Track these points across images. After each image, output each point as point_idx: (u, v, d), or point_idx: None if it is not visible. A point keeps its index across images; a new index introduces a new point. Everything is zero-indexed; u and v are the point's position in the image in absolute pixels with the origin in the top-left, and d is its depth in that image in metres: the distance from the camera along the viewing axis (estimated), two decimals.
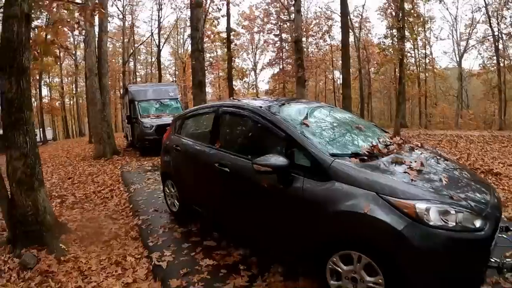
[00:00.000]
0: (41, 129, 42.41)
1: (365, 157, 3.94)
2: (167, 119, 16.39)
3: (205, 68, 19.74)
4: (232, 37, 28.65)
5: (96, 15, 9.41)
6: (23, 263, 5.57)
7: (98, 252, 5.89)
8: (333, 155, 3.85)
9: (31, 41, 6.84)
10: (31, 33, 6.65)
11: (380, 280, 3.30)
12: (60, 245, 6.09)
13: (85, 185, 11.61)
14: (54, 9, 8.30)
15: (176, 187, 6.66)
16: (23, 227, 6.13)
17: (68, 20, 8.58)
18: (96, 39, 17.81)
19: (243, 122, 5.25)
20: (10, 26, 5.93)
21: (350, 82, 20.62)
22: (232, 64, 29.77)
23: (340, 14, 21.95)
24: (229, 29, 27.62)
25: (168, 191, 7.06)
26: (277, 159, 3.92)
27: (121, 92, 39.43)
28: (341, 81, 50.27)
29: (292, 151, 4.05)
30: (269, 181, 4.11)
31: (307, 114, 4.85)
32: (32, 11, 6.78)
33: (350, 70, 51.50)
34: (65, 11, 8.72)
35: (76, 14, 8.76)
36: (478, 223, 3.23)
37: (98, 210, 8.43)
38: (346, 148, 4.27)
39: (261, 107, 4.80)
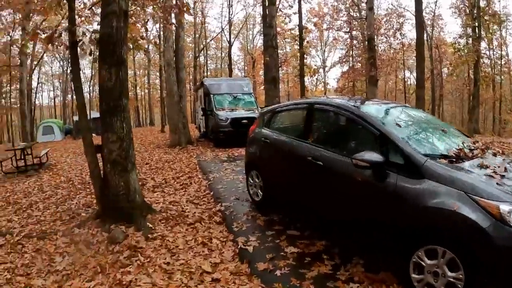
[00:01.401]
0: None
1: (453, 159, 4.09)
2: (242, 113, 16.95)
3: (279, 65, 19.93)
4: (303, 34, 28.49)
5: (175, 11, 9.78)
6: (112, 237, 5.95)
7: (184, 233, 6.19)
8: (425, 155, 4.01)
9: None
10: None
11: (460, 276, 3.40)
12: (148, 224, 6.46)
13: (163, 171, 12.09)
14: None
15: (261, 177, 6.86)
16: (114, 205, 6.59)
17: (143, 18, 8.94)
18: (174, 35, 18.46)
19: (338, 120, 5.42)
20: (110, 22, 6.40)
21: (424, 82, 20.04)
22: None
23: (414, 12, 21.33)
24: (301, 26, 27.56)
25: (252, 181, 7.26)
26: (374, 156, 4.09)
27: (193, 85, 40.29)
28: (411, 81, 49.78)
29: (387, 149, 4.20)
30: (363, 175, 4.29)
31: (397, 114, 5.09)
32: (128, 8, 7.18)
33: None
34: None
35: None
36: None
37: (179, 194, 8.79)
38: (436, 149, 4.40)
39: (356, 106, 4.94)
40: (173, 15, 11.08)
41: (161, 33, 21.21)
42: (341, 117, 5.21)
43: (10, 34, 28.82)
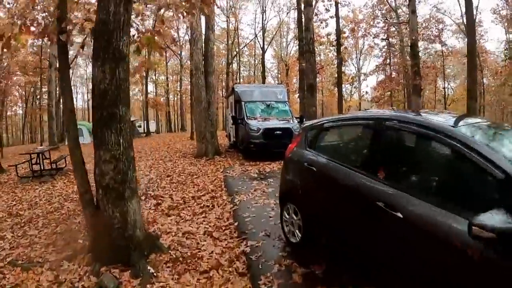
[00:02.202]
0: (145, 122, 43.71)
1: None
2: (275, 123, 15.25)
3: (316, 71, 18.27)
4: (341, 39, 26.51)
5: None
6: (101, 284, 4.51)
7: (194, 285, 4.57)
8: None
9: (134, 29, 5.77)
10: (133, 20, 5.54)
11: None
12: (148, 268, 4.93)
13: (183, 187, 10.64)
14: None
15: (301, 214, 5.07)
16: (107, 241, 5.06)
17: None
18: (203, 37, 17.03)
19: (428, 149, 3.58)
20: (106, 6, 4.82)
21: (476, 93, 18.02)
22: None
23: (455, 17, 19.53)
24: (338, 30, 25.53)
25: (287, 216, 5.48)
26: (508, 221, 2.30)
27: (225, 92, 39.07)
28: (450, 91, 47.31)
29: None
30: (481, 250, 2.49)
31: None
32: None
33: (460, 79, 47.65)
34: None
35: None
36: None
37: (196, 222, 7.16)
38: None
39: (459, 131, 3.10)
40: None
41: (188, 34, 19.66)
42: (435, 144, 3.38)
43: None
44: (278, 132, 14.43)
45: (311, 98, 16.74)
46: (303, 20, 20.83)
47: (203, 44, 16.84)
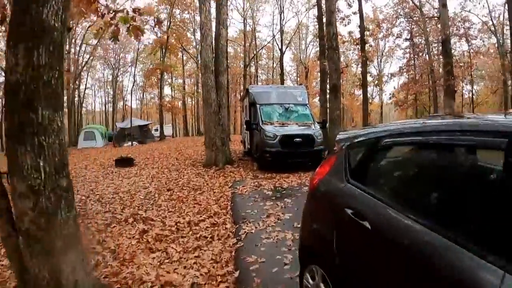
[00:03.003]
0: (159, 126, 42.59)
1: None
2: (294, 128, 13.34)
3: (341, 70, 16.33)
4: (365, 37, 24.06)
5: None
6: None
7: None
8: None
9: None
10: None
11: None
12: None
13: (183, 206, 8.82)
14: None
15: (332, 282, 2.89)
16: None
17: None
18: (214, 33, 15.25)
19: None
20: None
21: None
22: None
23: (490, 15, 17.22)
24: (362, 27, 23.01)
25: (310, 282, 3.25)
26: None
27: (242, 94, 37.32)
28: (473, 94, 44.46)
29: None
30: None
31: None
32: None
33: (489, 82, 44.86)
34: None
35: None
36: None
37: (186, 263, 5.22)
38: None
39: None
40: None
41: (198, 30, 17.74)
42: None
43: None
44: (297, 139, 12.56)
45: (335, 101, 14.81)
46: (323, 17, 19.09)
47: (213, 41, 15.04)
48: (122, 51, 48.20)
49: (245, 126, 15.23)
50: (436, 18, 18.99)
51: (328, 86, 17.06)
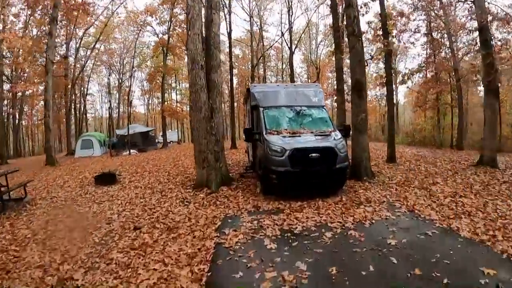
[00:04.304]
0: (162, 132, 40.34)
1: None
2: (309, 139, 9.69)
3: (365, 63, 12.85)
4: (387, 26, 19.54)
5: None
6: None
7: None
8: None
9: None
10: None
11: None
12: None
13: (140, 263, 5.63)
14: None
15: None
16: None
17: None
18: (203, 19, 11.65)
19: None
20: None
21: None
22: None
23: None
24: (384, 14, 18.37)
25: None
26: None
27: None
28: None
29: None
30: None
31: None
32: None
33: None
34: None
35: None
36: None
37: None
38: None
39: None
40: None
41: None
42: None
43: None
44: (314, 154, 8.94)
45: (359, 101, 11.33)
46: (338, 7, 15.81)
47: (204, 29, 11.45)
48: (126, 54, 44.88)
49: (244, 136, 11.45)
50: (469, 2, 15.41)
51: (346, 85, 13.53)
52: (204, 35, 11.33)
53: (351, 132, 11.11)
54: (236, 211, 8.35)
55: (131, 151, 29.75)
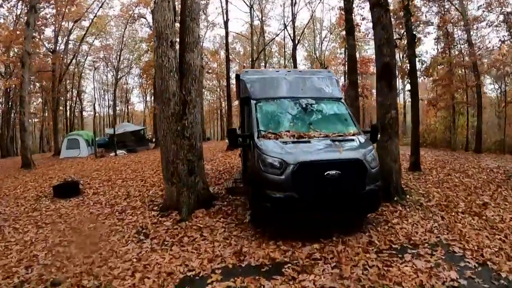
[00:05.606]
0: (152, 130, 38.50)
1: None
2: (322, 146, 6.25)
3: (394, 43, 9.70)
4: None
5: None
6: None
7: None
8: None
9: None
10: None
11: None
12: None
13: None
14: None
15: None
16: None
17: None
18: None
19: None
20: None
21: None
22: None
23: None
24: None
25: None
26: None
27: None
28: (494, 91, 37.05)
29: None
30: None
31: None
32: None
33: None
34: None
35: None
36: None
37: None
38: None
39: None
40: None
41: None
42: None
43: None
44: (332, 172, 5.53)
45: (389, 93, 8.09)
46: None
47: None
48: (121, 46, 41.63)
49: (227, 140, 7.88)
50: None
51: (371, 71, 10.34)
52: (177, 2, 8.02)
53: (378, 135, 7.75)
54: (205, 264, 5.10)
55: (120, 151, 26.62)
